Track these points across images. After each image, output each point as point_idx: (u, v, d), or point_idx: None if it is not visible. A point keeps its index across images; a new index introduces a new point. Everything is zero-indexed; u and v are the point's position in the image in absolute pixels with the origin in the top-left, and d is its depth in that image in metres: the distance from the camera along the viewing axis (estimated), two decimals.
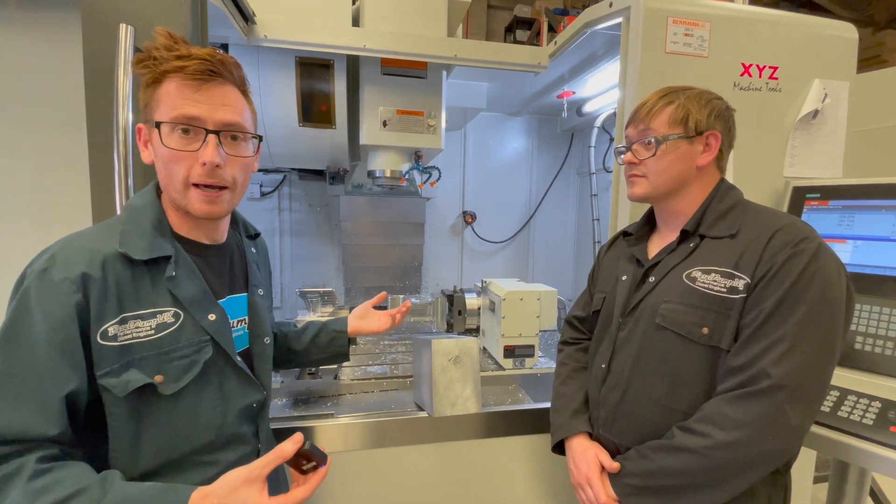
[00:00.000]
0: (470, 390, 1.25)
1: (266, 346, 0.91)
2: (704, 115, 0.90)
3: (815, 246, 0.79)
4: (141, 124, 0.76)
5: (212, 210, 0.75)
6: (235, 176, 0.76)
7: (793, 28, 1.33)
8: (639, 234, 1.06)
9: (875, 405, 0.96)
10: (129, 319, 0.69)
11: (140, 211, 0.75)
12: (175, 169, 0.72)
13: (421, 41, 1.51)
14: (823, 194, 1.24)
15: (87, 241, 0.70)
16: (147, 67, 0.71)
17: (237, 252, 0.90)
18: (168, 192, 0.75)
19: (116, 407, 0.68)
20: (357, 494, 1.26)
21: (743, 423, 0.76)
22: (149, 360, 0.70)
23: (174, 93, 0.70)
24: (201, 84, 0.71)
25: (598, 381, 1.01)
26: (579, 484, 0.96)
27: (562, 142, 2.55)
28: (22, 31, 1.15)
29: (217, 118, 0.72)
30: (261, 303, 0.92)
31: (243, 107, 0.77)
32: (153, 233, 0.73)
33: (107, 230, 0.72)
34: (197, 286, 0.76)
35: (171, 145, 0.70)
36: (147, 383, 0.69)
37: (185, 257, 0.76)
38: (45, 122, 1.17)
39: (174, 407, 0.73)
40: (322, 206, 2.24)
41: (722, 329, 0.83)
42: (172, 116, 0.70)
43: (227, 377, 0.80)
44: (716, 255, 0.87)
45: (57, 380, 0.63)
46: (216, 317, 0.78)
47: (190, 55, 0.70)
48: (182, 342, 0.73)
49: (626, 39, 1.29)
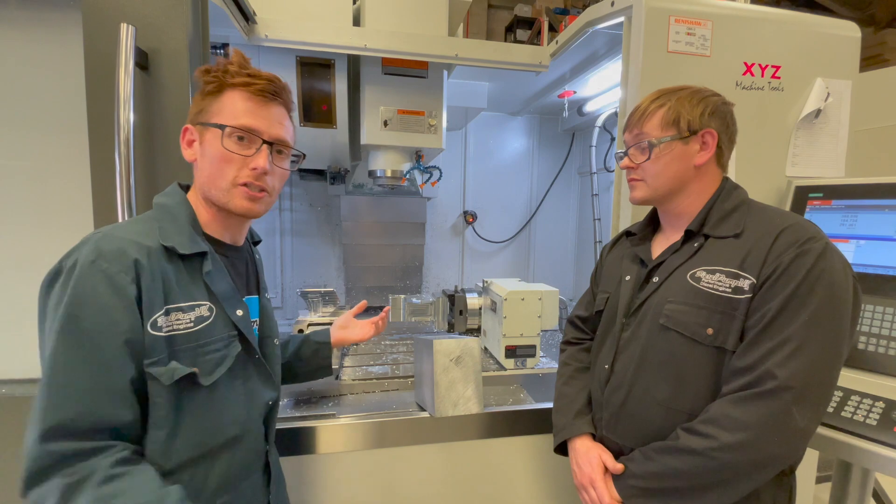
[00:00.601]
0: (471, 390, 1.25)
1: (275, 346, 0.95)
2: (697, 114, 0.90)
3: (821, 246, 0.79)
4: (189, 125, 0.81)
5: (252, 208, 0.81)
6: (276, 184, 0.84)
7: (795, 27, 1.32)
8: (642, 233, 1.05)
9: (879, 405, 0.95)
10: (172, 311, 0.72)
11: (174, 209, 0.79)
12: (226, 168, 0.78)
13: (422, 41, 1.51)
14: (826, 194, 1.23)
15: (128, 233, 0.72)
16: (216, 78, 0.78)
17: (250, 256, 0.96)
18: (208, 190, 0.80)
19: (160, 396, 0.70)
20: (359, 495, 1.26)
21: (748, 424, 0.75)
22: (187, 353, 0.73)
23: (239, 104, 0.78)
24: (264, 102, 0.79)
25: (601, 382, 1.00)
26: (583, 485, 0.96)
27: (563, 141, 2.54)
28: (23, 30, 1.15)
29: (273, 133, 0.80)
30: (269, 306, 0.97)
31: (291, 128, 0.86)
32: (191, 230, 0.78)
33: (144, 224, 0.76)
34: (227, 282, 0.81)
35: (229, 147, 0.77)
36: (190, 372, 0.72)
37: (216, 255, 0.81)
38: (47, 122, 1.17)
39: (210, 399, 0.76)
40: (323, 206, 2.24)
41: (727, 330, 0.82)
42: (238, 124, 0.77)
43: (250, 373, 0.85)
44: (720, 255, 0.86)
45: (125, 372, 0.66)
46: (243, 312, 0.83)
47: (259, 75, 0.79)
48: (215, 335, 0.78)
49: (627, 39, 1.28)
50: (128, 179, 0.97)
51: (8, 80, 1.16)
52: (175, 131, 1.06)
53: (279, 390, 0.93)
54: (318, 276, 2.27)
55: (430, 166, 1.91)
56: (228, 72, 0.78)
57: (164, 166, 1.06)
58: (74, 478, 0.60)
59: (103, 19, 1.00)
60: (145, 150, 1.04)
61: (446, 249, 2.47)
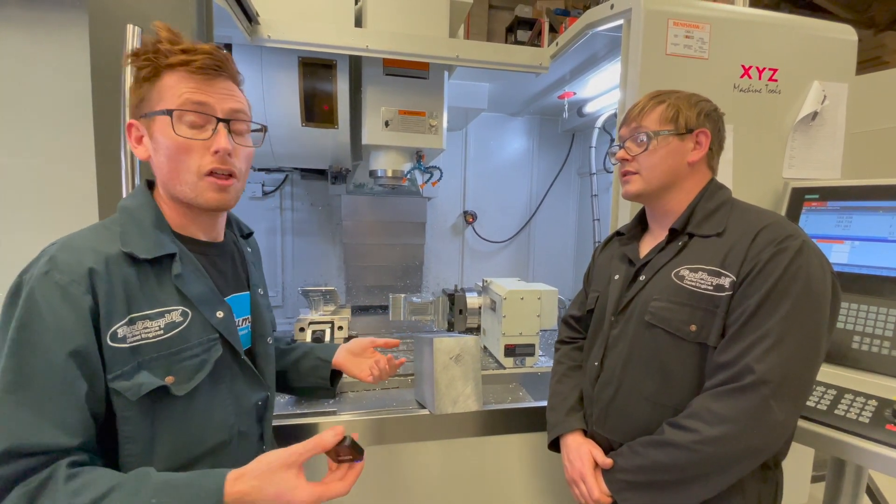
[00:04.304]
0: (471, 388, 1.27)
1: (268, 345, 0.91)
2: (694, 113, 0.93)
3: (798, 243, 0.81)
4: (133, 120, 0.74)
5: (223, 198, 0.75)
6: (241, 166, 0.77)
7: (792, 30, 1.34)
8: (631, 233, 1.07)
9: (872, 403, 0.97)
10: (138, 320, 0.68)
11: (137, 211, 0.74)
12: (185, 159, 0.71)
13: (423, 42, 1.52)
14: (822, 195, 1.25)
15: (86, 241, 0.68)
16: (148, 60, 0.70)
17: (236, 251, 0.90)
18: (172, 187, 0.73)
19: (128, 411, 0.66)
20: (359, 491, 1.27)
21: (728, 418, 0.78)
22: (159, 361, 0.69)
23: (179, 84, 0.70)
24: (207, 78, 0.72)
25: (591, 379, 1.03)
26: (573, 480, 0.98)
27: (563, 142, 2.56)
28: (29, 30, 1.16)
29: (225, 107, 0.73)
30: (262, 302, 0.91)
31: (245, 99, 0.79)
32: (155, 231, 0.72)
33: (104, 231, 0.71)
34: (203, 283, 0.76)
35: (182, 134, 0.70)
36: (160, 385, 0.68)
37: (189, 255, 0.75)
38: (53, 120, 1.18)
39: (188, 408, 0.72)
40: (324, 206, 2.25)
41: (709, 326, 0.84)
42: (180, 103, 0.69)
43: (236, 375, 0.81)
44: (703, 254, 0.88)
45: (76, 388, 0.61)
46: (224, 314, 0.77)
47: (195, 49, 0.71)
48: (192, 341, 0.73)
49: (626, 41, 1.30)
50: (133, 178, 0.98)
51: (11, 79, 1.17)
52: None
53: (270, 389, 0.89)
54: (318, 275, 2.28)
55: (430, 166, 1.92)
56: (160, 52, 0.69)
57: None
58: (31, 485, 0.57)
59: (109, 21, 1.01)
60: None
61: (446, 249, 2.49)
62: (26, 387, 0.59)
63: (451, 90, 1.82)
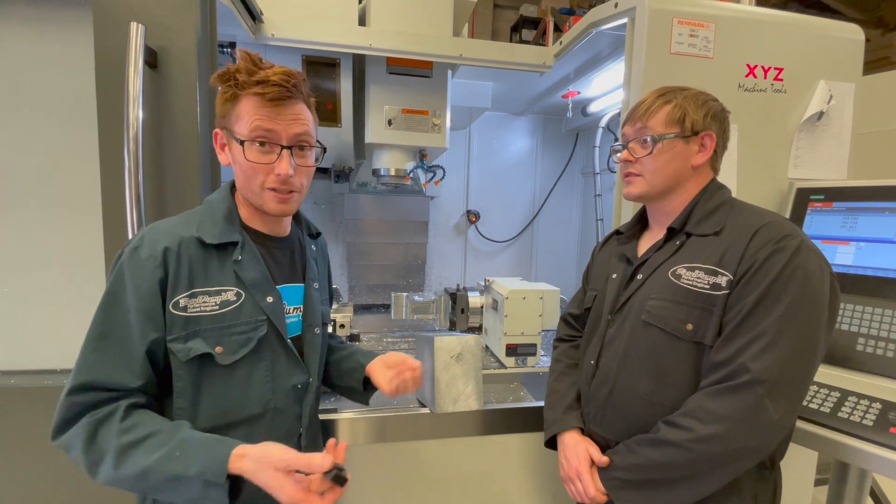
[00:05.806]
0: (472, 387, 1.26)
1: (316, 335, 0.97)
2: (701, 115, 0.91)
3: (796, 243, 0.80)
4: (218, 129, 0.85)
5: (284, 209, 0.86)
6: (303, 182, 0.88)
7: (798, 29, 1.33)
8: (630, 232, 1.07)
9: (875, 406, 0.96)
10: (199, 294, 0.80)
11: (215, 204, 0.87)
12: (253, 176, 0.82)
13: (427, 41, 1.52)
14: (827, 196, 1.24)
15: (170, 225, 0.82)
16: (230, 87, 0.80)
17: (298, 246, 0.99)
18: (243, 191, 0.86)
19: (180, 369, 0.79)
20: (359, 489, 1.27)
21: (723, 416, 0.77)
22: (212, 332, 0.80)
23: (253, 111, 0.79)
24: (278, 105, 0.80)
25: (587, 378, 1.02)
26: (569, 478, 0.98)
27: (566, 142, 2.55)
28: (34, 28, 1.17)
29: (290, 132, 0.82)
30: (315, 295, 0.99)
31: (309, 118, 0.87)
32: (224, 222, 0.85)
33: (188, 218, 0.85)
34: (258, 271, 0.86)
35: (251, 159, 0.81)
36: (206, 352, 0.79)
37: (251, 245, 0.86)
38: (58, 118, 1.19)
39: (229, 377, 0.82)
40: (327, 204, 2.26)
41: (706, 325, 0.84)
42: (251, 129, 0.79)
43: (278, 356, 0.88)
44: (700, 253, 0.88)
45: (144, 341, 0.76)
46: (273, 299, 0.86)
47: (268, 80, 0.79)
48: (242, 319, 0.83)
49: (630, 40, 1.29)
50: (136, 176, 0.99)
51: (17, 76, 1.18)
52: (183, 128, 1.08)
53: (313, 374, 0.94)
54: None
55: (433, 165, 1.92)
56: (238, 82, 0.79)
57: (173, 162, 1.08)
58: (98, 416, 0.72)
59: (114, 18, 1.02)
60: (154, 147, 1.06)
61: (449, 248, 2.49)
62: (106, 336, 0.75)
63: (455, 89, 1.82)
